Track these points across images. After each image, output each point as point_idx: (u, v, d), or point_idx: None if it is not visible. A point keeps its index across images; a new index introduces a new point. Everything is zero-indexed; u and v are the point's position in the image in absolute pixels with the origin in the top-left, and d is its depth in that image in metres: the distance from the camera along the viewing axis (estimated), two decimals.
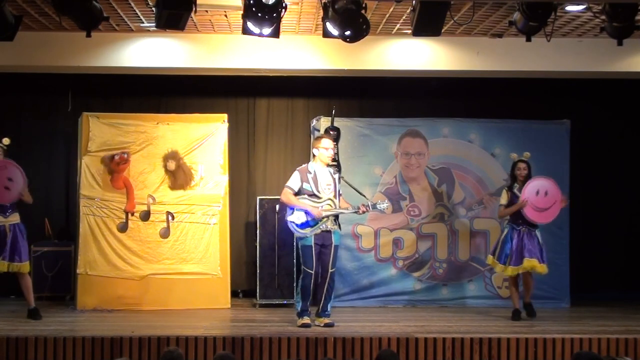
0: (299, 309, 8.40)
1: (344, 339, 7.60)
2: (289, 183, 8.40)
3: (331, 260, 8.31)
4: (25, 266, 8.59)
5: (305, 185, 8.31)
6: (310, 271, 8.25)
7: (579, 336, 7.82)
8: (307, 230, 8.26)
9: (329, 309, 8.44)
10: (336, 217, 8.40)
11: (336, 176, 8.48)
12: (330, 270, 8.33)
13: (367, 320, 8.82)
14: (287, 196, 8.35)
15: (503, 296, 9.95)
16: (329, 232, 8.31)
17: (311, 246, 8.24)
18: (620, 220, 10.87)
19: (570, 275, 9.94)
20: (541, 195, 8.82)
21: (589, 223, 10.59)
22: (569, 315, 9.46)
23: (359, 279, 9.91)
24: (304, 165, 8.53)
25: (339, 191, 8.45)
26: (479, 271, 10.02)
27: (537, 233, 8.91)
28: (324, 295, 8.37)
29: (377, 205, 8.50)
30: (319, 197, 8.30)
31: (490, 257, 9.12)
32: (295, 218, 8.28)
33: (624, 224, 10.90)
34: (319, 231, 8.25)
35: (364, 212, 8.53)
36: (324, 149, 8.40)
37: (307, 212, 8.26)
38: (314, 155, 8.50)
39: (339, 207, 8.39)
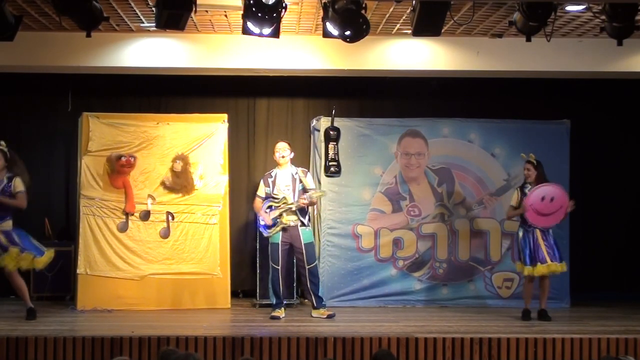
0: (273, 302, 9.09)
1: (344, 339, 7.61)
2: (257, 192, 9.22)
3: (305, 259, 8.89)
4: (35, 262, 8.63)
5: (267, 189, 9.09)
6: (277, 266, 8.94)
7: (578, 336, 7.82)
8: (271, 231, 8.94)
9: (324, 301, 9.00)
10: (301, 213, 8.91)
11: (297, 176, 9.02)
12: (307, 267, 8.90)
13: (367, 320, 8.83)
14: (256, 204, 9.24)
15: (503, 296, 9.97)
16: (295, 230, 8.87)
17: (277, 244, 8.93)
18: (620, 221, 10.85)
19: (570, 275, 9.93)
20: (546, 201, 8.85)
21: (589, 223, 10.57)
22: (569, 315, 9.46)
23: (359, 279, 9.91)
24: (268, 172, 9.28)
25: (301, 190, 8.94)
26: (479, 271, 10.02)
27: (550, 231, 8.92)
28: (311, 292, 8.93)
29: (313, 195, 9.01)
30: (276, 198, 8.99)
31: (518, 263, 9.08)
32: (262, 220, 9.12)
33: (624, 224, 10.88)
34: (278, 228, 8.87)
35: (304, 204, 8.95)
36: (276, 152, 9.13)
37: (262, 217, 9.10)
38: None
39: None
